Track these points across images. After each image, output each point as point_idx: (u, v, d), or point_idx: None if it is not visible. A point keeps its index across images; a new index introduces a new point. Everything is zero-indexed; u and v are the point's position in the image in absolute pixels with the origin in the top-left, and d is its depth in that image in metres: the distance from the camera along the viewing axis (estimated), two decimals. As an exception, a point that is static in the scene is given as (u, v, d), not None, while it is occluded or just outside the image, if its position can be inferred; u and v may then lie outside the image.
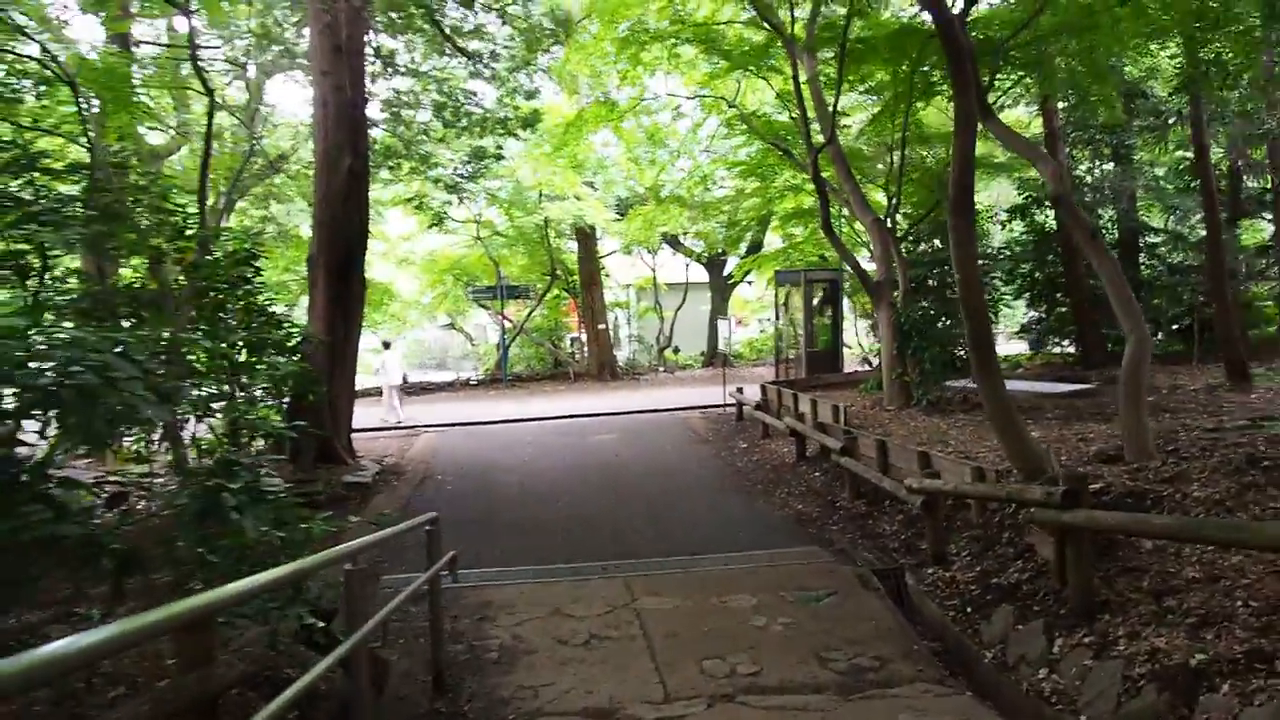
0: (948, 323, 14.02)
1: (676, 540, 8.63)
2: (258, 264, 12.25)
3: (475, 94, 16.59)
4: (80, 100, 9.74)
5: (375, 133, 17.88)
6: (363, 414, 20.15)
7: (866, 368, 17.55)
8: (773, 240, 29.52)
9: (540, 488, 11.42)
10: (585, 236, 26.51)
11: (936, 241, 17.85)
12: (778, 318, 20.87)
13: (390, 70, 16.13)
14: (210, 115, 9.13)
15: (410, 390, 26.13)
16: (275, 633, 4.79)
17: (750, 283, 34.63)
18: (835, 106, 13.36)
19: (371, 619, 3.41)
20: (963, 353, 13.72)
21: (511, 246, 30.39)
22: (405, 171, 17.51)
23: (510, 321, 30.37)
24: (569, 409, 19.58)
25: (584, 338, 29.53)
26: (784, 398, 14.83)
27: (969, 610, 6.31)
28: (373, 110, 16.98)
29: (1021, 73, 13.57)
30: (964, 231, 7.49)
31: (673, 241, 31.77)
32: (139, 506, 6.34)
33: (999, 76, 13.00)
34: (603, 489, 11.19)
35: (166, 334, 8.44)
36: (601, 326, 27.45)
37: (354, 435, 14.99)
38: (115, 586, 4.44)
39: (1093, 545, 5.41)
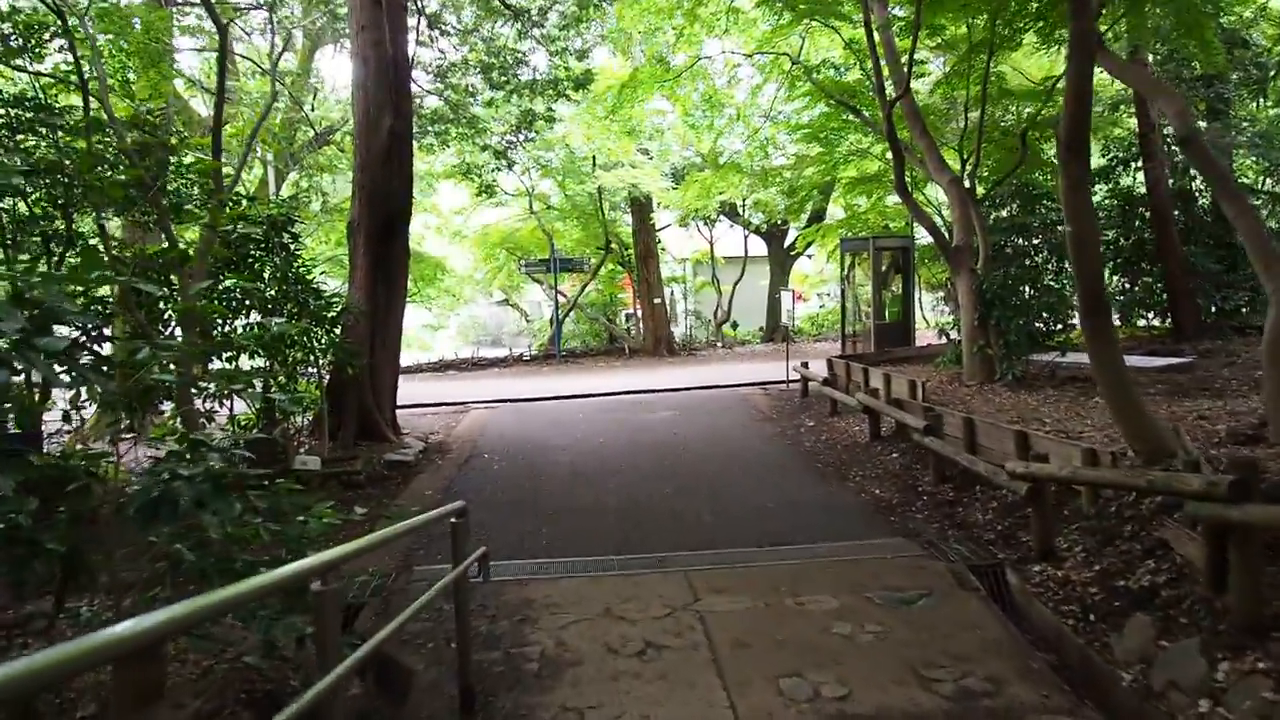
0: (1033, 291, 12.83)
1: (742, 528, 7.75)
2: (295, 229, 11.66)
3: (525, 55, 15.72)
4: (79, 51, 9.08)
5: (428, 101, 17.21)
6: (409, 389, 19.63)
7: (941, 341, 16.36)
8: (834, 212, 28.33)
9: (592, 468, 10.62)
10: (640, 207, 25.61)
11: (1015, 206, 16.63)
12: (843, 289, 19.77)
13: (435, 31, 15.36)
14: (222, 57, 8.32)
15: (461, 366, 25.58)
16: (272, 644, 4.06)
17: (810, 255, 33.44)
18: (912, 53, 12.21)
19: (347, 658, 2.59)
20: (1042, 325, 12.59)
21: (565, 219, 29.67)
22: (453, 137, 16.72)
23: (564, 296, 29.66)
24: (624, 385, 18.78)
25: (639, 313, 28.71)
26: (853, 373, 13.83)
27: (1091, 618, 5.34)
28: (418, 74, 16.27)
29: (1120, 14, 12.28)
30: (1078, 174, 6.44)
31: (730, 213, 30.71)
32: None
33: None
34: (659, 470, 10.35)
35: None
36: (657, 301, 26.58)
37: (399, 411, 14.37)
38: (59, 596, 3.72)
39: (1262, 546, 4.41)
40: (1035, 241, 15.10)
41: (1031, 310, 12.40)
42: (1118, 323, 21.13)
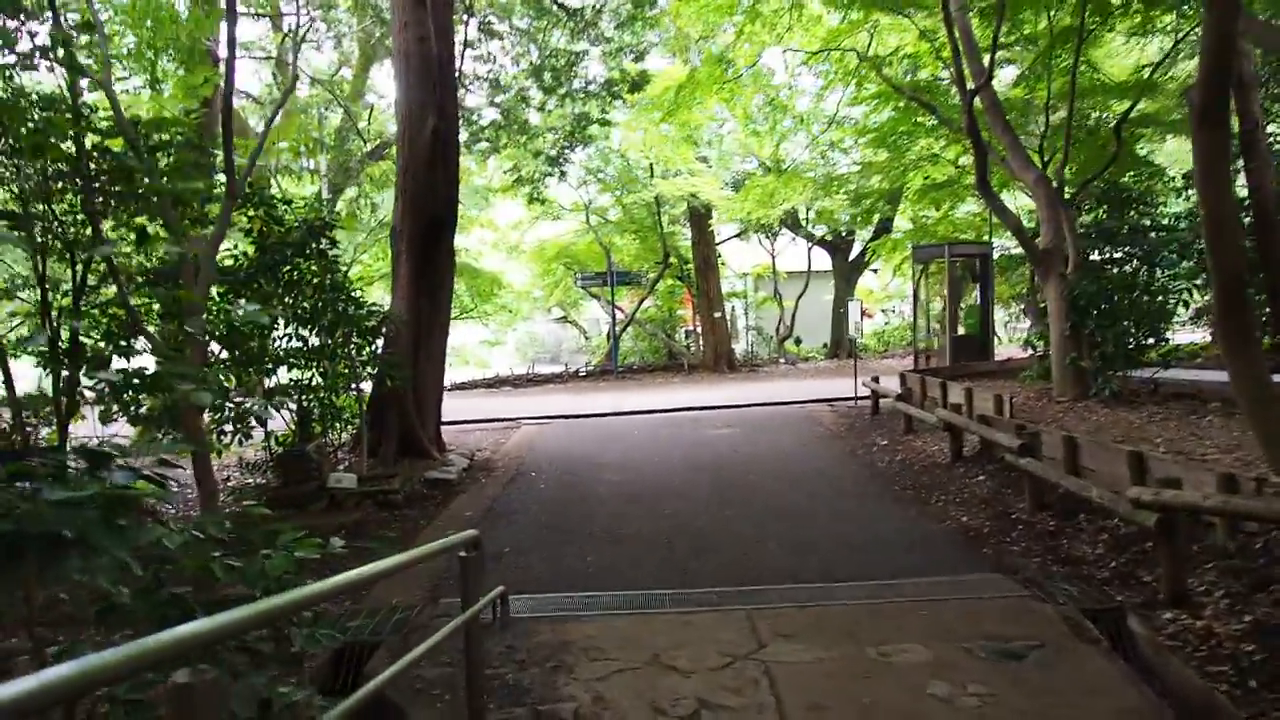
0: (1129, 299, 11.67)
1: (812, 561, 6.83)
2: (333, 235, 11.08)
3: (578, 56, 15.05)
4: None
5: (471, 101, 16.65)
6: (460, 404, 19.04)
7: (1024, 355, 15.19)
8: (900, 225, 27.17)
9: (645, 490, 9.78)
10: (699, 218, 24.79)
11: (1101, 211, 15.43)
12: (915, 300, 18.67)
13: (484, 33, 14.79)
14: (231, 47, 7.67)
15: (515, 382, 24.99)
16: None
17: (875, 270, 32.26)
18: (996, 34, 11.18)
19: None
20: (1133, 338, 11.42)
21: (622, 233, 29.02)
22: (503, 144, 16.12)
23: (622, 312, 28.96)
24: (682, 401, 17.94)
25: (699, 329, 27.85)
26: (929, 388, 12.79)
27: (1253, 684, 4.33)
28: (466, 77, 15.73)
29: None
30: (1215, 146, 5.44)
31: (793, 225, 29.74)
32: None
33: None
34: (719, 493, 9.47)
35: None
36: (718, 315, 25.71)
37: (446, 427, 13.72)
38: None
39: None
40: (1124, 251, 13.88)
41: (1129, 320, 11.25)
42: (1208, 338, 19.73)
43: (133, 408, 8.76)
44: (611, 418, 16.48)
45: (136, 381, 9.00)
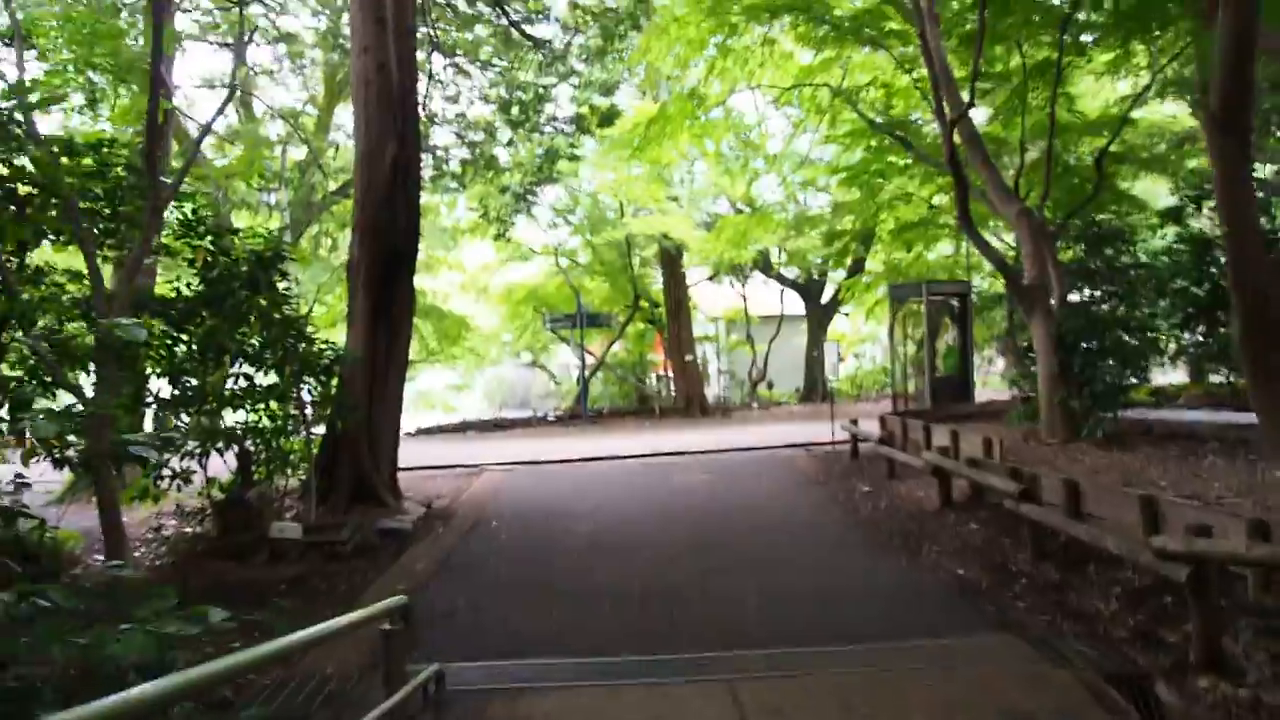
0: (1117, 335, 11.25)
1: (799, 619, 6.18)
2: (284, 268, 10.42)
3: (548, 89, 14.60)
4: None
5: (438, 138, 16.14)
6: (422, 450, 18.26)
7: (1008, 396, 14.71)
8: (872, 267, 26.86)
9: (615, 541, 9.09)
10: (671, 259, 24.36)
11: (1080, 249, 15.10)
12: (891, 340, 18.24)
13: (449, 64, 14.31)
14: (157, 30, 7.04)
15: (482, 427, 24.23)
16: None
17: (847, 314, 31.94)
18: (976, 64, 10.79)
19: None
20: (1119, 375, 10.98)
21: (592, 274, 28.53)
22: (470, 179, 15.57)
23: (592, 355, 28.37)
24: (654, 446, 17.28)
25: (670, 373, 27.30)
26: (911, 430, 12.24)
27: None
28: (433, 111, 15.24)
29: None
30: (1234, 156, 4.97)
31: (764, 267, 29.39)
32: None
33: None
34: (694, 544, 8.80)
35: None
36: (689, 358, 25.18)
37: (403, 473, 12.96)
38: None
39: None
40: (1103, 290, 13.49)
41: (1118, 357, 10.82)
42: (1185, 379, 19.44)
43: (57, 450, 8.04)
44: (580, 464, 15.77)
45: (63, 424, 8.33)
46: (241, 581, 7.99)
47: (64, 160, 6.61)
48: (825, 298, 29.99)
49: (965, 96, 11.41)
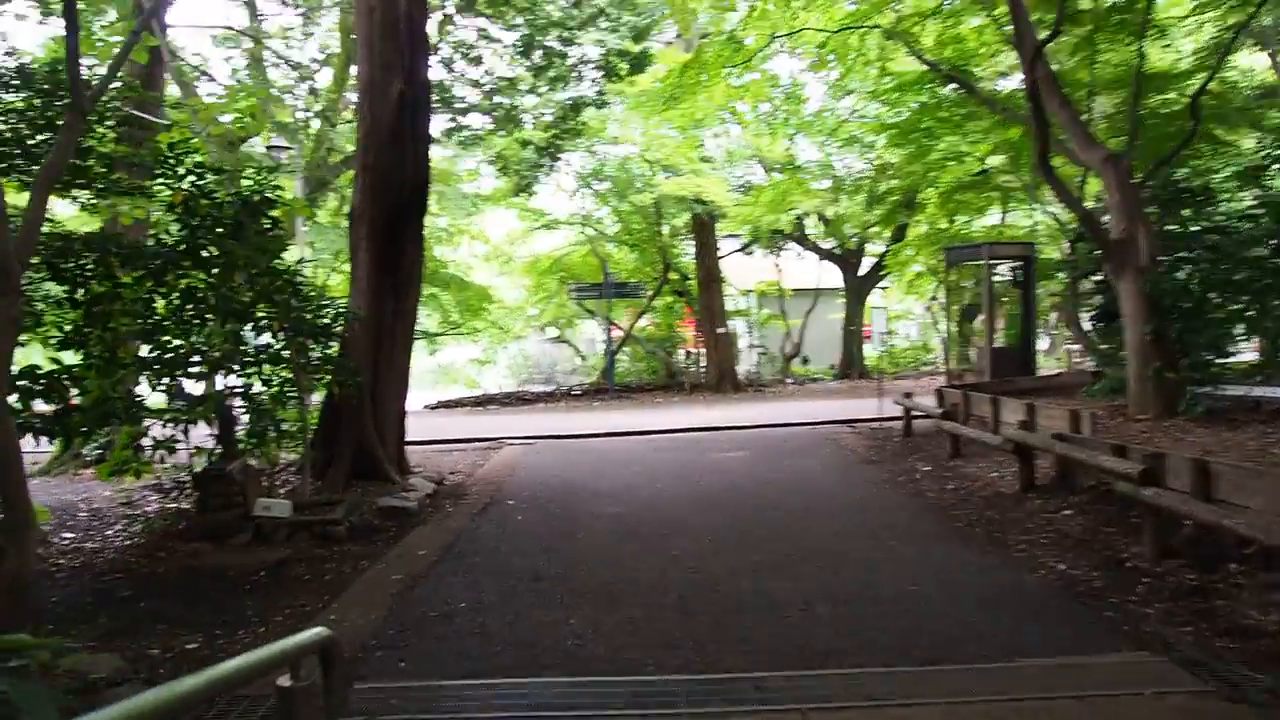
0: (1222, 297, 9.88)
1: (880, 631, 4.96)
2: (275, 214, 9.29)
3: (574, 28, 13.29)
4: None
5: (456, 90, 14.91)
6: (440, 423, 17.21)
7: (1079, 368, 13.37)
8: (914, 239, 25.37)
9: (646, 525, 7.92)
10: (703, 226, 23.03)
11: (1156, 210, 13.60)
12: (946, 309, 16.89)
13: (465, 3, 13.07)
14: None
15: (504, 401, 23.14)
16: None
17: (885, 288, 30.48)
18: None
19: None
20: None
21: (620, 244, 27.27)
22: (490, 130, 14.34)
23: (619, 329, 27.16)
24: (685, 422, 16.10)
25: (700, 349, 26.03)
26: (975, 405, 10.97)
27: None
28: (446, 57, 14.02)
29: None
30: None
31: (800, 237, 28.01)
32: None
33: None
34: (739, 530, 7.61)
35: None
36: (721, 331, 23.89)
37: (416, 447, 11.93)
38: None
39: None
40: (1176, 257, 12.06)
41: (1225, 324, 9.46)
42: (1255, 356, 17.95)
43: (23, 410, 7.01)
44: (607, 438, 14.64)
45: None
46: (216, 566, 6.91)
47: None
48: (864, 270, 28.59)
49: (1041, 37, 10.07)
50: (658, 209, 23.15)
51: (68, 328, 7.97)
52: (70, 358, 7.89)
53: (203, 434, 8.60)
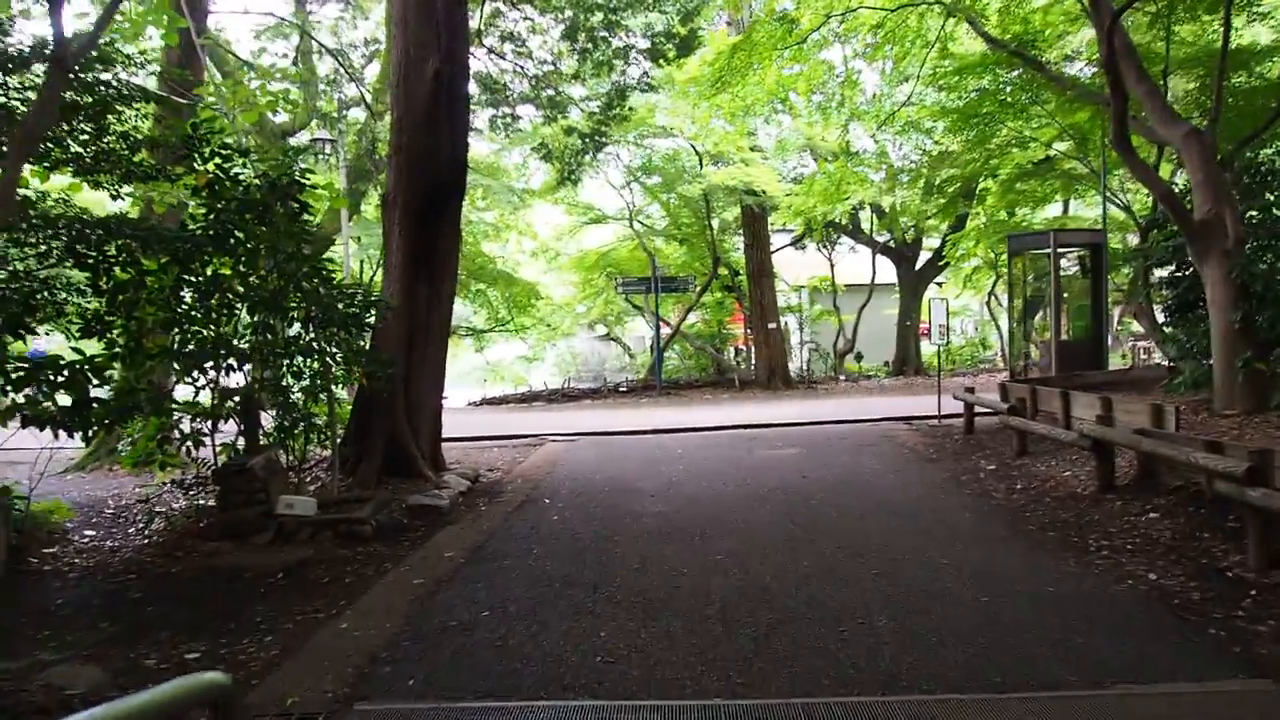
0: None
1: (955, 650, 4.37)
2: (303, 197, 8.94)
3: (617, 11, 12.77)
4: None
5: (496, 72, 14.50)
6: (484, 419, 16.89)
7: (1150, 363, 12.52)
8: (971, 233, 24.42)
9: (689, 525, 7.39)
10: (754, 218, 22.41)
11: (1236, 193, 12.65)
12: (1010, 301, 16.09)
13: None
14: None
15: (550, 397, 22.78)
16: None
17: (940, 283, 29.51)
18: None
19: None
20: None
21: (668, 239, 26.80)
22: (535, 119, 13.90)
23: (667, 325, 26.65)
24: (735, 419, 15.53)
25: (750, 346, 25.42)
26: (1043, 400, 10.26)
27: None
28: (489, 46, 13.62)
29: None
30: None
31: (854, 231, 27.24)
32: None
33: None
34: (789, 532, 7.04)
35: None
36: (772, 326, 23.25)
37: (456, 443, 11.58)
38: None
39: None
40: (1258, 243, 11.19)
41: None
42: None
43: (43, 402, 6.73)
44: (653, 435, 14.13)
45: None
46: (233, 567, 6.55)
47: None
48: (919, 264, 27.72)
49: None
50: (707, 201, 22.60)
51: (89, 316, 7.66)
52: (93, 347, 7.58)
53: (233, 428, 8.30)
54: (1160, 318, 14.19)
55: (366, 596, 5.71)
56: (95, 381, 7.09)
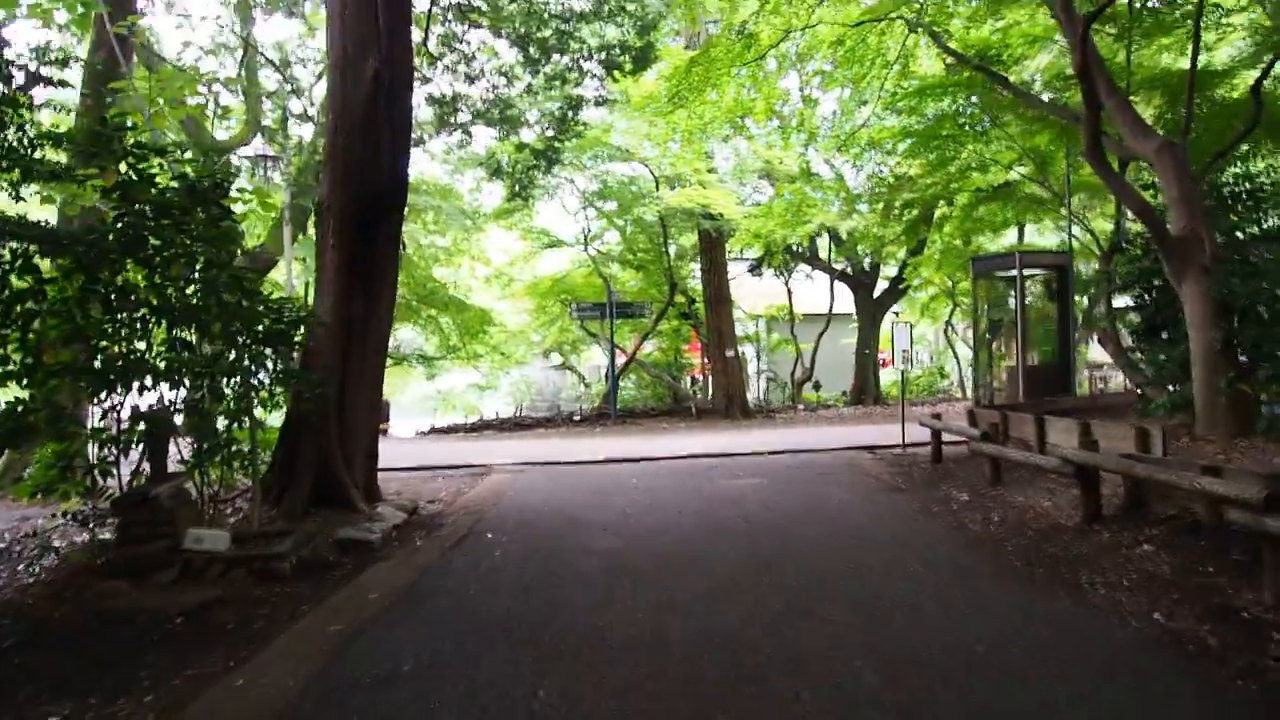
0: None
1: (941, 705, 3.76)
2: (225, 202, 8.19)
3: (572, 25, 12.25)
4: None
5: (444, 87, 13.89)
6: (432, 449, 16.11)
7: (1119, 389, 12.17)
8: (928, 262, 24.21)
9: (643, 562, 6.72)
10: (711, 244, 21.92)
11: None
12: (975, 324, 15.73)
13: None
14: None
15: (501, 426, 21.98)
16: None
17: (898, 312, 29.33)
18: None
19: None
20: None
21: (625, 265, 26.31)
22: (482, 124, 13.27)
23: (622, 353, 26.03)
24: (693, 448, 14.90)
25: (707, 375, 24.90)
26: (1014, 425, 9.79)
27: None
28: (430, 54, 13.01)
29: None
30: None
31: (811, 258, 26.94)
32: None
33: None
34: (756, 570, 6.40)
35: None
36: (730, 354, 22.69)
37: (401, 473, 10.84)
38: None
39: None
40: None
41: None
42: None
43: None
44: (606, 465, 13.43)
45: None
46: (127, 610, 5.75)
47: None
48: (878, 292, 27.49)
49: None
50: (664, 226, 22.12)
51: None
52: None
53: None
54: (1126, 343, 13.92)
55: (273, 645, 4.97)
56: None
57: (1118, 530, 6.69)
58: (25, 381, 6.93)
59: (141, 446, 7.37)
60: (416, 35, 12.46)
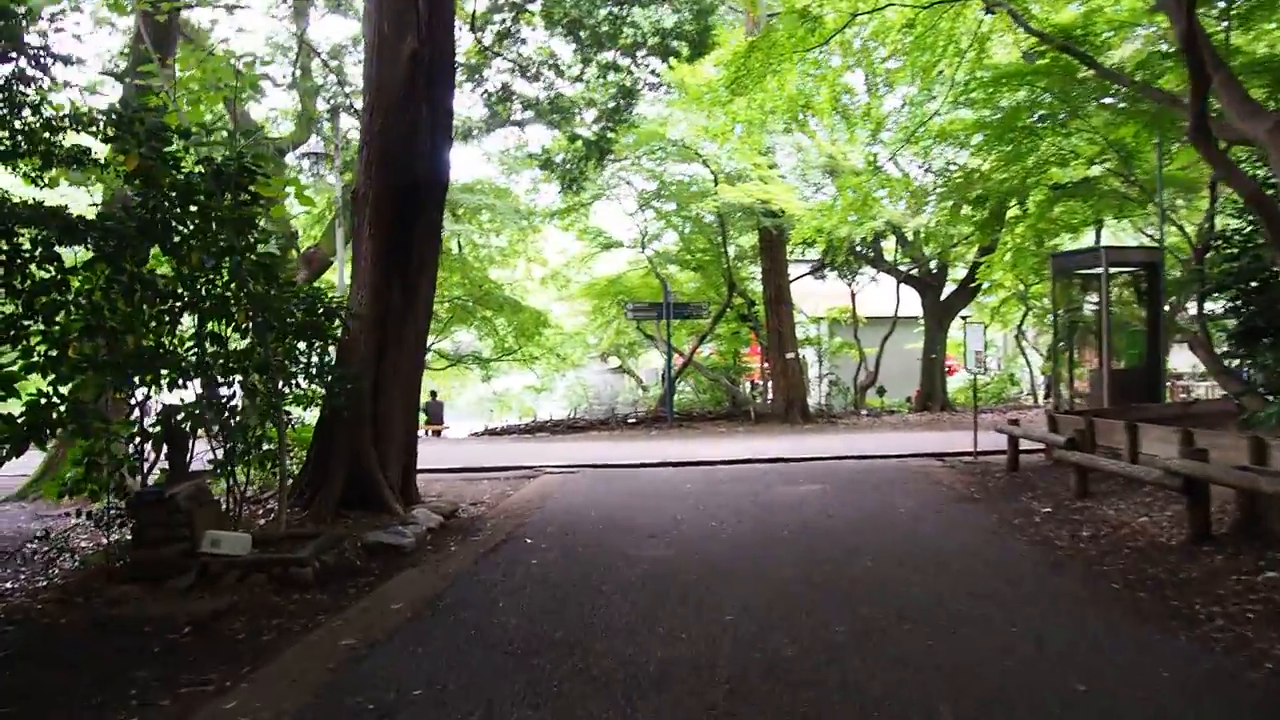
0: None
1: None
2: (254, 188, 7.81)
3: (621, 6, 11.71)
4: None
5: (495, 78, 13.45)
6: (481, 450, 15.72)
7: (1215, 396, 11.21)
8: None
9: (691, 575, 6.11)
10: (772, 243, 21.21)
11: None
12: (1055, 325, 14.78)
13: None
14: None
15: (554, 428, 21.54)
16: None
17: (966, 316, 28.24)
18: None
19: None
20: None
21: (682, 265, 25.74)
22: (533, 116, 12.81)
23: (680, 355, 25.42)
24: (751, 452, 14.23)
25: (767, 379, 24.17)
26: (1103, 433, 8.97)
27: None
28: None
29: None
30: None
31: (876, 259, 26.01)
32: None
33: None
34: (811, 584, 5.76)
35: None
36: (790, 356, 21.94)
37: (448, 475, 10.42)
38: None
39: None
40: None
41: None
42: None
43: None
44: (659, 468, 12.85)
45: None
46: (134, 618, 5.33)
47: None
48: (945, 294, 26.45)
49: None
50: (722, 224, 21.47)
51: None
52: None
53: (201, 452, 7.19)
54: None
55: (276, 661, 4.48)
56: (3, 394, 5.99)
57: (1232, 553, 5.90)
58: (50, 376, 6.60)
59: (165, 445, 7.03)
60: (469, 36, 12.10)
